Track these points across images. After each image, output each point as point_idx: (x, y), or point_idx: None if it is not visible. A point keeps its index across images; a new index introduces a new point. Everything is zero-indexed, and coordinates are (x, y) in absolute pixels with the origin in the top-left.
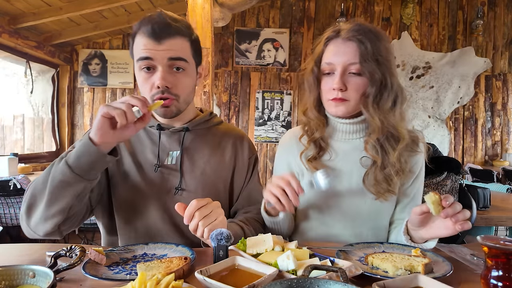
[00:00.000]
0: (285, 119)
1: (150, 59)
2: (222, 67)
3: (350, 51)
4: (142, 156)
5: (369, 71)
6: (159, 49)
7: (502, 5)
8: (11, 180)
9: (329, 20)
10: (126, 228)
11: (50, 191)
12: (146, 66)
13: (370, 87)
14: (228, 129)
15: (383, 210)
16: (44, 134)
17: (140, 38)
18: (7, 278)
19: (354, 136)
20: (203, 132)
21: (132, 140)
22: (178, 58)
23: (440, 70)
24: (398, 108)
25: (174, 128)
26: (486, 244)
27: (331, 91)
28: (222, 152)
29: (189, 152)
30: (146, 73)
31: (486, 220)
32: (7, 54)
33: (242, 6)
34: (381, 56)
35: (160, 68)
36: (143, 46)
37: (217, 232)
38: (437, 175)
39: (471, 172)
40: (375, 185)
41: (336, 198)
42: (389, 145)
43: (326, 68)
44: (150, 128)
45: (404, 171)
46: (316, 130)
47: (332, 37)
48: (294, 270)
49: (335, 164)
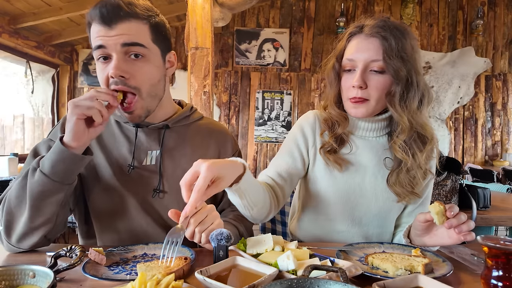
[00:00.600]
0: (285, 119)
1: (103, 47)
2: (222, 67)
3: (373, 47)
4: (117, 155)
5: (394, 68)
6: (110, 34)
7: (502, 5)
8: (11, 180)
9: (329, 20)
10: (106, 232)
11: (31, 204)
12: (101, 55)
13: (396, 85)
14: (210, 125)
15: (391, 212)
16: (44, 134)
17: (93, 26)
18: (7, 278)
19: (375, 133)
20: (184, 129)
21: (104, 137)
22: (132, 44)
23: (440, 70)
24: (425, 107)
25: (153, 125)
26: (486, 244)
27: (351, 89)
28: (205, 151)
29: (169, 151)
30: (103, 63)
31: (486, 220)
32: (7, 54)
33: (242, 6)
34: (406, 54)
35: (115, 55)
36: (96, 33)
37: (217, 232)
38: (437, 175)
39: (471, 172)
40: (400, 186)
41: (348, 193)
42: (417, 147)
43: (347, 64)
44: (125, 124)
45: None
46: (338, 125)
47: (355, 32)
48: (294, 270)
49: (353, 158)
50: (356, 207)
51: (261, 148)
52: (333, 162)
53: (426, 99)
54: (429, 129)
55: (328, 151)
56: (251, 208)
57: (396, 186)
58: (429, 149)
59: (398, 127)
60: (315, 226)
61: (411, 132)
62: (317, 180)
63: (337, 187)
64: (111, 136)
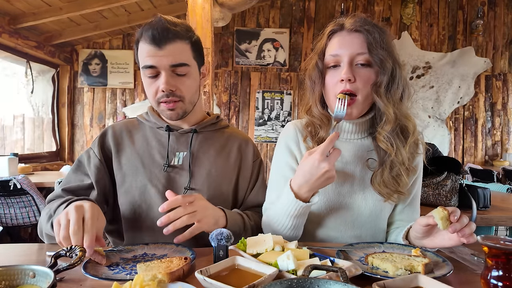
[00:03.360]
0: (285, 119)
1: (153, 67)
2: (222, 67)
3: (357, 41)
4: (149, 156)
5: (380, 59)
6: (160, 54)
7: (502, 5)
8: (11, 180)
9: (329, 20)
10: (134, 230)
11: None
12: (150, 74)
13: (382, 75)
14: (234, 133)
15: (383, 211)
16: (44, 134)
17: (142, 44)
18: (7, 278)
19: (358, 135)
20: (209, 135)
21: (139, 141)
22: (179, 64)
23: (440, 70)
24: (406, 100)
25: (182, 130)
26: (486, 244)
27: (338, 84)
28: (227, 155)
29: (195, 153)
30: (150, 79)
31: (486, 220)
32: (7, 54)
33: (242, 6)
34: (389, 46)
35: (163, 73)
36: (146, 53)
37: (217, 232)
38: (437, 175)
39: (471, 172)
40: (384, 186)
41: (337, 199)
42: (399, 142)
43: (331, 60)
44: (158, 129)
45: (410, 170)
46: (320, 128)
47: (336, 30)
48: (294, 270)
49: (339, 166)
50: (347, 212)
51: (261, 148)
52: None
53: (406, 93)
54: (412, 120)
55: None
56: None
57: (380, 187)
58: (412, 142)
59: (382, 118)
60: (307, 234)
61: (395, 123)
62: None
63: (327, 195)
64: (144, 140)
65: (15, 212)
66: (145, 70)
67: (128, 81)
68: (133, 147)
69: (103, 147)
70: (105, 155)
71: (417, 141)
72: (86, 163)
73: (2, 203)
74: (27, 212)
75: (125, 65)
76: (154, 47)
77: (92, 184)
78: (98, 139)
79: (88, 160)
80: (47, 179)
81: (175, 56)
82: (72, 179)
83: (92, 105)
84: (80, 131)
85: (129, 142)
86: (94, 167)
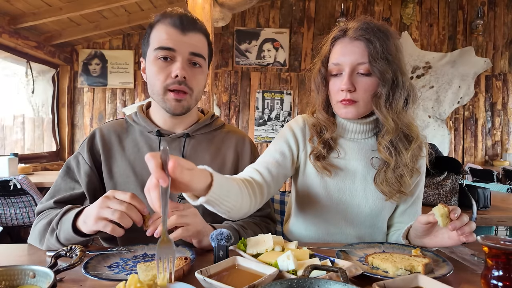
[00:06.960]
0: (285, 119)
1: (172, 49)
2: (222, 67)
3: (358, 51)
4: (140, 163)
5: (380, 70)
6: (182, 40)
7: (502, 5)
8: (11, 180)
9: (329, 20)
10: (126, 240)
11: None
12: (164, 56)
13: (382, 87)
14: (230, 132)
15: (383, 211)
16: (44, 134)
17: (163, 27)
18: (7, 278)
19: (363, 135)
20: (203, 138)
21: (128, 147)
22: (198, 54)
23: (440, 70)
24: (410, 107)
25: (174, 135)
26: (486, 244)
27: (340, 92)
28: (223, 158)
29: (188, 159)
30: (163, 62)
31: (486, 220)
32: (7, 54)
33: (242, 6)
34: (391, 55)
35: (180, 59)
36: (167, 35)
37: (217, 232)
38: (437, 175)
39: (471, 172)
40: (387, 185)
41: (339, 196)
42: (402, 146)
43: (333, 69)
44: (148, 133)
45: (414, 171)
46: (326, 130)
47: (339, 36)
48: (294, 270)
49: (342, 163)
50: (348, 209)
51: (261, 148)
52: (322, 168)
53: (411, 99)
54: (415, 129)
55: (317, 157)
56: (227, 211)
57: (383, 185)
58: (415, 148)
59: (383, 128)
60: (308, 228)
61: (397, 132)
62: (308, 185)
63: (328, 191)
64: (135, 146)
65: (15, 212)
66: (160, 51)
67: (128, 81)
68: (123, 154)
69: (92, 152)
70: (95, 160)
71: (421, 144)
72: (75, 169)
73: (2, 203)
74: (27, 212)
75: (125, 65)
76: (177, 30)
77: (84, 194)
78: (86, 143)
79: (77, 166)
80: (47, 179)
81: (196, 45)
82: (62, 187)
83: (92, 105)
84: (80, 131)
85: (119, 148)
86: (85, 175)
